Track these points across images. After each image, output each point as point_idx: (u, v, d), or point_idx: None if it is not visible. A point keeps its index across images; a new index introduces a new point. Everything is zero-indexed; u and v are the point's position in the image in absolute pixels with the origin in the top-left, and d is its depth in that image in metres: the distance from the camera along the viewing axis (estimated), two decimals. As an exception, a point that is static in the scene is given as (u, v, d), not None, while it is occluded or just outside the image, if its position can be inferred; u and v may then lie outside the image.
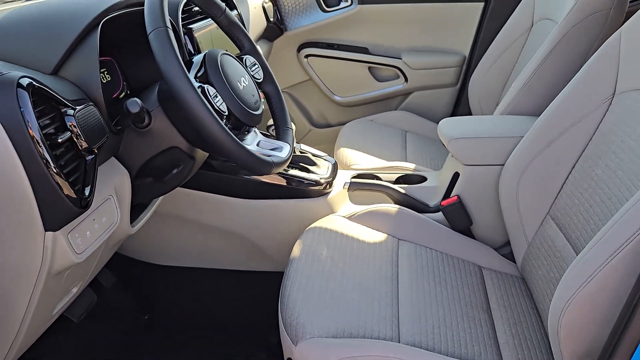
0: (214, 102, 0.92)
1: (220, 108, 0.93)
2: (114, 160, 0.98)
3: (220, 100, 0.94)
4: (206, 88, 0.93)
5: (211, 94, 0.93)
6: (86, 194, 0.80)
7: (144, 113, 0.93)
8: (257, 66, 1.16)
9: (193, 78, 0.95)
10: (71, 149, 0.80)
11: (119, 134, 0.97)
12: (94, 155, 0.83)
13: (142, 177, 1.02)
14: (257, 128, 1.15)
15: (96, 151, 0.83)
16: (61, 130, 0.78)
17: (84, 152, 0.81)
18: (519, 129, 1.35)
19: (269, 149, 1.07)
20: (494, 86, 1.90)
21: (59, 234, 0.80)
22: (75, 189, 0.78)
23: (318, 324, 1.01)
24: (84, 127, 0.80)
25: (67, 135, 0.78)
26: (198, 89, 0.88)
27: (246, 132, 1.05)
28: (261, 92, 1.16)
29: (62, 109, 0.79)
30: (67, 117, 0.79)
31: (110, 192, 0.93)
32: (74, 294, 1.06)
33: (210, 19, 1.37)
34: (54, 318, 1.05)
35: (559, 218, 1.14)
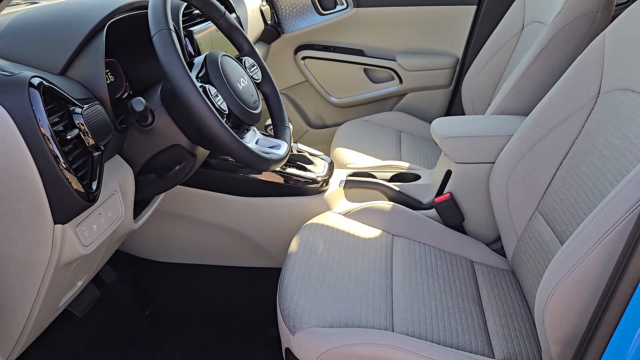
0: (214, 101, 0.96)
1: (221, 107, 0.97)
2: (118, 158, 1.02)
3: (220, 99, 0.98)
4: (207, 88, 0.96)
5: (212, 93, 0.97)
6: (93, 188, 0.83)
7: (147, 112, 0.97)
8: (255, 67, 1.20)
9: (195, 78, 0.99)
10: (79, 145, 0.84)
11: (123, 132, 1.00)
12: (101, 152, 0.87)
13: (145, 174, 1.06)
14: (256, 127, 1.18)
15: (102, 148, 0.87)
16: (69, 127, 0.82)
17: (91, 149, 0.85)
18: (509, 128, 1.39)
19: (267, 147, 1.10)
20: (487, 87, 1.94)
21: (68, 226, 0.84)
22: (84, 184, 0.81)
23: (315, 314, 1.04)
24: (91, 125, 0.84)
25: (75, 132, 0.82)
26: (200, 88, 0.92)
27: (245, 130, 1.08)
28: (259, 92, 1.20)
29: (70, 108, 0.83)
30: (75, 115, 0.83)
31: (115, 188, 0.96)
32: (78, 287, 1.09)
33: (210, 22, 1.41)
34: (59, 310, 1.09)
35: (546, 213, 1.19)
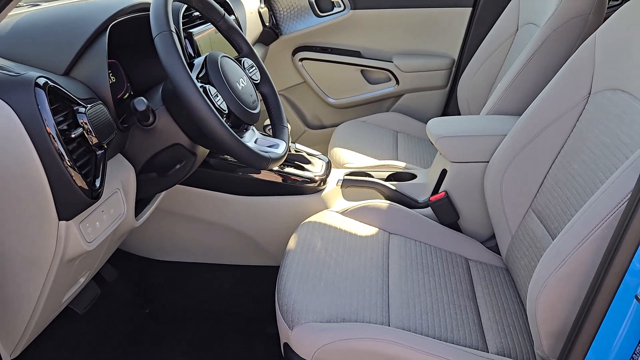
0: (215, 101, 0.98)
1: (221, 107, 1.00)
2: (120, 157, 1.04)
3: (220, 99, 1.01)
4: (207, 88, 0.99)
5: (212, 93, 0.99)
6: (97, 185, 0.86)
7: (149, 111, 0.99)
8: (254, 68, 1.22)
9: (195, 79, 1.01)
10: (83, 144, 0.86)
11: (125, 131, 1.03)
12: (104, 150, 0.89)
13: (146, 172, 1.08)
14: (255, 127, 1.21)
15: (105, 146, 0.90)
16: (73, 126, 0.85)
17: (94, 147, 0.87)
18: (503, 127, 1.42)
19: (266, 146, 1.13)
20: (482, 88, 1.97)
21: (72, 223, 0.86)
22: (87, 181, 0.84)
23: (313, 310, 1.07)
24: (94, 124, 0.86)
25: (79, 131, 0.84)
26: (200, 89, 0.94)
27: (245, 129, 1.11)
28: (258, 92, 1.22)
29: (74, 107, 0.85)
30: (79, 115, 0.85)
31: (117, 186, 0.99)
32: (81, 283, 1.12)
33: (209, 24, 1.43)
34: (62, 306, 1.11)
35: (540, 211, 1.21)
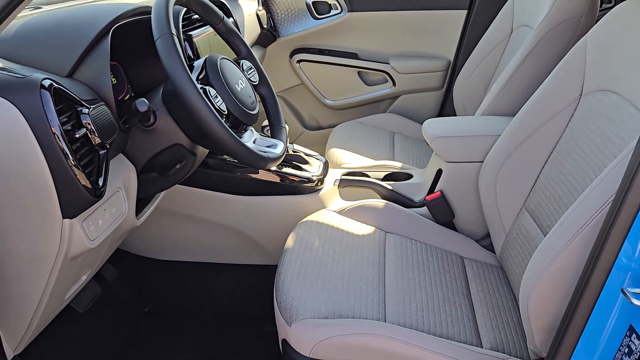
0: (214, 102, 1.01)
1: (221, 108, 1.02)
2: (121, 156, 1.06)
3: (220, 100, 1.03)
4: (207, 89, 1.01)
5: (212, 94, 1.01)
6: (100, 184, 0.88)
7: (150, 112, 1.01)
8: (253, 70, 1.24)
9: (195, 80, 1.03)
10: (86, 144, 0.88)
11: (126, 132, 1.05)
12: (106, 150, 0.92)
13: (147, 172, 1.10)
14: (253, 128, 1.23)
15: (108, 146, 0.92)
16: (77, 127, 0.87)
17: (97, 147, 0.90)
18: (497, 128, 1.44)
19: (264, 146, 1.15)
20: (477, 89, 1.99)
21: (75, 221, 0.88)
22: (91, 180, 0.86)
23: (310, 306, 1.09)
24: (97, 124, 0.89)
25: (83, 131, 0.87)
26: (200, 90, 0.96)
27: (243, 130, 1.13)
28: (257, 93, 1.24)
29: (78, 108, 0.88)
30: (83, 116, 0.87)
31: (119, 185, 1.01)
32: (83, 281, 1.14)
33: (208, 26, 1.46)
34: (64, 304, 1.13)
35: (533, 210, 1.24)
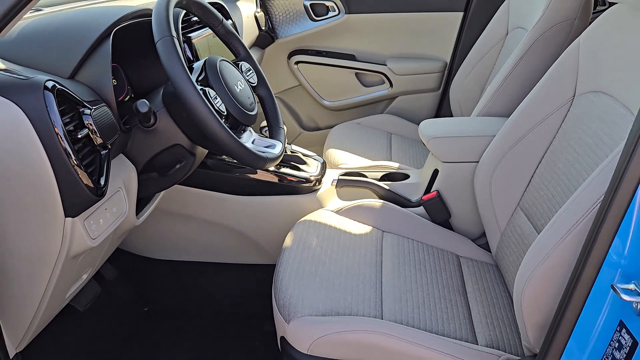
0: (214, 103, 1.02)
1: (220, 108, 1.04)
2: (122, 157, 1.08)
3: (219, 101, 1.05)
4: (207, 91, 1.03)
5: (212, 96, 1.03)
6: (102, 183, 0.89)
7: (150, 113, 1.03)
8: (251, 71, 1.26)
9: (195, 82, 1.05)
10: (88, 144, 0.90)
11: (127, 132, 1.07)
12: (108, 150, 0.93)
13: (147, 172, 1.12)
14: (252, 128, 1.25)
15: (109, 146, 0.93)
16: (79, 127, 0.88)
17: (99, 147, 0.91)
18: (492, 128, 1.46)
19: (263, 146, 1.17)
20: (473, 90, 2.02)
21: (77, 220, 0.89)
22: (93, 179, 0.88)
23: (308, 304, 1.11)
24: (99, 125, 0.90)
25: (85, 132, 0.88)
26: (200, 91, 0.98)
27: (242, 131, 1.15)
28: (255, 95, 1.26)
29: (80, 109, 0.89)
30: (85, 116, 0.89)
31: (119, 185, 1.02)
32: (83, 280, 1.15)
33: (207, 28, 1.47)
34: (65, 302, 1.14)
35: (527, 209, 1.26)
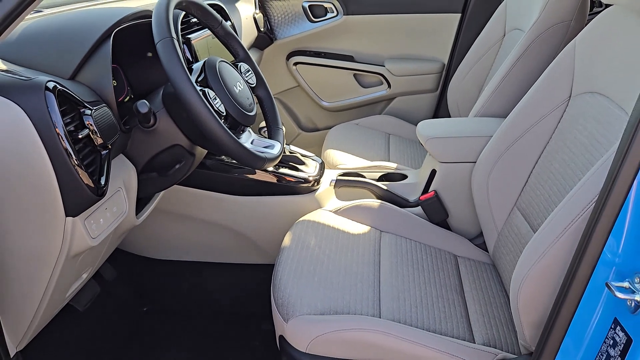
0: (213, 103, 1.03)
1: (219, 109, 1.05)
2: (122, 157, 1.09)
3: (219, 102, 1.06)
4: (206, 91, 1.04)
5: (211, 96, 1.04)
6: (102, 183, 0.90)
7: (150, 114, 1.04)
8: (250, 72, 1.27)
9: (194, 82, 1.06)
10: (89, 144, 0.91)
11: (127, 132, 1.07)
12: (108, 150, 0.94)
13: (147, 172, 1.13)
14: (251, 129, 1.26)
15: (110, 146, 0.94)
16: (80, 128, 0.89)
17: (99, 147, 0.92)
18: (489, 129, 1.47)
19: (262, 147, 1.18)
20: (471, 91, 2.03)
21: (78, 219, 0.90)
22: (93, 179, 0.88)
23: (307, 303, 1.11)
24: (99, 125, 0.91)
25: (86, 132, 0.89)
26: (200, 92, 0.99)
27: (241, 131, 1.16)
28: (254, 95, 1.27)
29: (80, 109, 0.90)
30: (85, 117, 0.90)
31: (119, 185, 1.03)
32: (83, 279, 1.16)
33: (206, 29, 1.48)
34: (65, 301, 1.15)
35: (524, 209, 1.27)
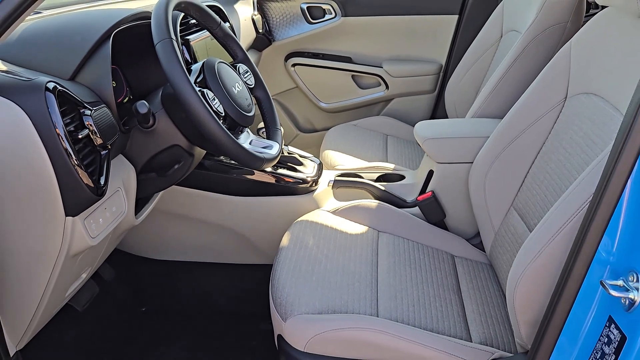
0: (212, 104, 1.04)
1: (218, 110, 1.06)
2: (121, 157, 1.10)
3: (217, 103, 1.06)
4: (205, 92, 1.05)
5: (210, 97, 1.05)
6: (102, 183, 0.91)
7: (149, 114, 1.05)
8: (249, 73, 1.28)
9: (193, 83, 1.07)
10: (88, 144, 0.91)
11: (126, 133, 1.08)
12: (108, 150, 0.95)
13: (146, 172, 1.14)
14: (249, 129, 1.26)
15: (109, 147, 0.95)
16: (80, 128, 0.90)
17: (99, 148, 0.93)
18: (486, 130, 1.48)
19: (260, 147, 1.18)
20: (468, 92, 2.04)
21: (77, 219, 0.91)
22: (93, 179, 0.89)
23: (305, 302, 1.12)
24: (99, 126, 0.92)
25: (85, 132, 0.90)
26: (198, 93, 1.00)
27: (240, 132, 1.16)
28: (253, 96, 1.28)
29: (80, 110, 0.91)
30: (85, 117, 0.91)
31: (119, 185, 1.04)
32: (82, 279, 1.16)
33: (204, 30, 1.49)
34: (65, 301, 1.16)
35: (520, 209, 1.28)
